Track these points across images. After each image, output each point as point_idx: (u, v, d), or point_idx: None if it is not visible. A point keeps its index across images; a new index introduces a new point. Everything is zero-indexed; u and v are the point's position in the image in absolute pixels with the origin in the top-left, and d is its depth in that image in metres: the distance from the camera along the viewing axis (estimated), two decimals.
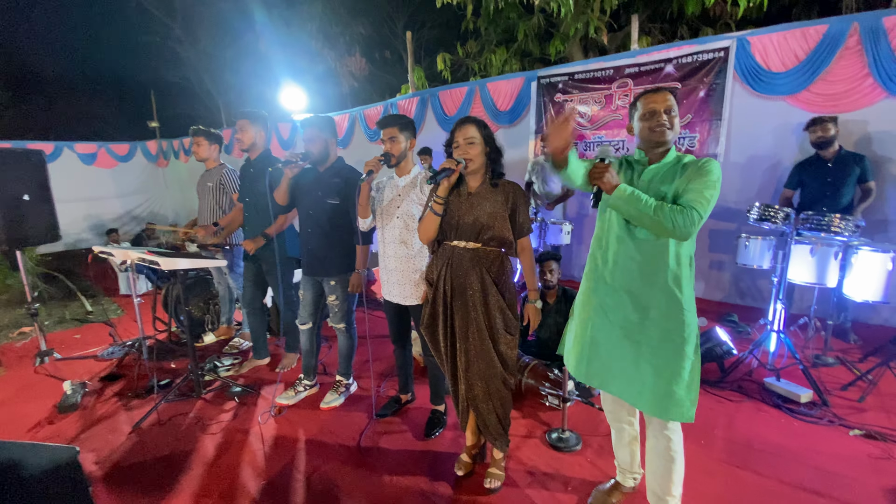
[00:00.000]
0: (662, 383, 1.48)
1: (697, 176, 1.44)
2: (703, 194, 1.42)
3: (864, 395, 2.57)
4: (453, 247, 1.83)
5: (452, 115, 5.93)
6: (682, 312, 1.49)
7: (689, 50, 4.19)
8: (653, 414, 1.53)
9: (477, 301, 1.79)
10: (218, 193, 3.40)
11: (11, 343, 3.93)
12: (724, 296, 4.43)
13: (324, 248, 2.48)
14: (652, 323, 1.51)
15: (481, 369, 1.83)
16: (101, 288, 5.89)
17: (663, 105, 1.50)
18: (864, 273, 2.63)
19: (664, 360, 1.49)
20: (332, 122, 2.52)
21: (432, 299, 1.90)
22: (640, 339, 1.53)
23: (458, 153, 1.76)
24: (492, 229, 1.77)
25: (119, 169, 10.20)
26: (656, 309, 1.50)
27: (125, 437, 2.43)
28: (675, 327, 1.48)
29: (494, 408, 1.86)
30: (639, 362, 1.53)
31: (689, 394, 1.49)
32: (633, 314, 1.54)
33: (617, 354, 1.58)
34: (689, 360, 1.49)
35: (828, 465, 2.03)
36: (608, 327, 1.59)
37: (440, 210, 1.79)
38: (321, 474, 2.08)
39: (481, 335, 1.81)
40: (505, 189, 1.81)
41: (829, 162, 3.31)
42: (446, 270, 1.83)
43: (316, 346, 2.82)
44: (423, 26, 10.84)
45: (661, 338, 1.50)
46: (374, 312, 4.39)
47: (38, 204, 3.32)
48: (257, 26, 11.79)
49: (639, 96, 1.58)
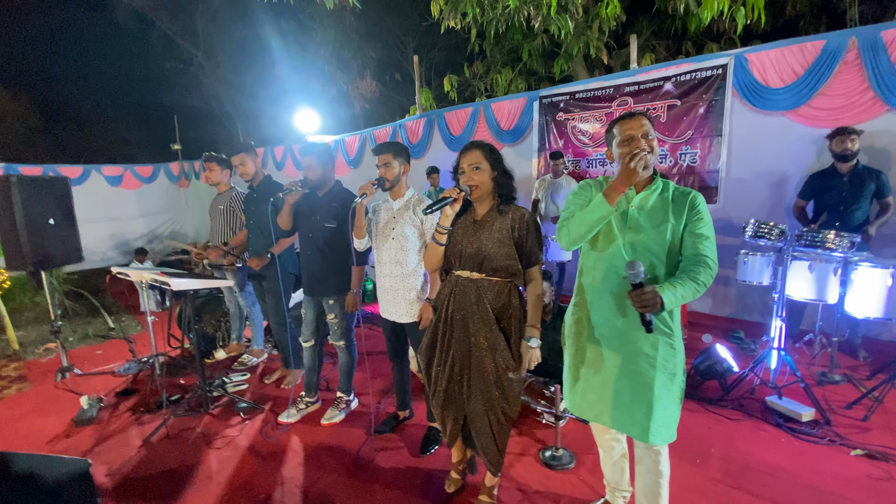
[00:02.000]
0: (658, 412, 1.50)
1: (695, 219, 1.47)
2: (711, 240, 1.46)
3: (869, 414, 2.51)
4: (457, 276, 1.77)
5: (458, 135, 6.08)
6: (673, 339, 1.52)
7: (688, 68, 4.25)
8: (643, 440, 1.54)
9: (478, 335, 1.72)
10: (229, 215, 3.57)
11: (37, 359, 4.14)
12: (732, 311, 4.37)
13: (322, 269, 2.60)
14: (645, 355, 1.52)
15: (481, 403, 1.77)
16: (123, 305, 6.14)
17: (640, 130, 1.50)
18: (865, 289, 2.60)
19: (659, 389, 1.50)
20: (329, 148, 2.66)
21: (434, 325, 1.86)
22: (636, 368, 1.54)
23: (463, 180, 1.71)
24: (495, 259, 1.68)
25: (143, 190, 10.64)
26: (648, 340, 1.51)
27: (135, 450, 2.54)
28: (668, 357, 1.51)
29: (495, 438, 1.80)
30: (636, 392, 1.53)
31: (675, 416, 1.55)
32: (624, 345, 1.55)
33: (610, 386, 1.59)
34: (679, 388, 1.54)
35: (825, 486, 2.00)
36: (599, 358, 1.61)
37: (443, 240, 1.74)
38: (318, 490, 2.14)
39: (481, 372, 1.74)
40: (513, 216, 1.71)
41: (845, 176, 3.24)
42: (450, 300, 1.78)
43: (318, 363, 2.91)
44: (432, 49, 11.15)
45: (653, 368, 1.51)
46: (378, 329, 4.47)
47: (62, 227, 3.54)
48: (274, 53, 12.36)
49: (614, 122, 1.59)
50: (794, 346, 3.43)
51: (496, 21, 5.65)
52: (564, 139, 5.19)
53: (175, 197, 11.32)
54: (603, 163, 4.93)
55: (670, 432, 1.54)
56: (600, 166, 4.96)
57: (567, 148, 5.19)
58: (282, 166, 9.16)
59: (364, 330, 4.45)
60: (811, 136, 3.74)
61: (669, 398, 1.52)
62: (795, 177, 3.83)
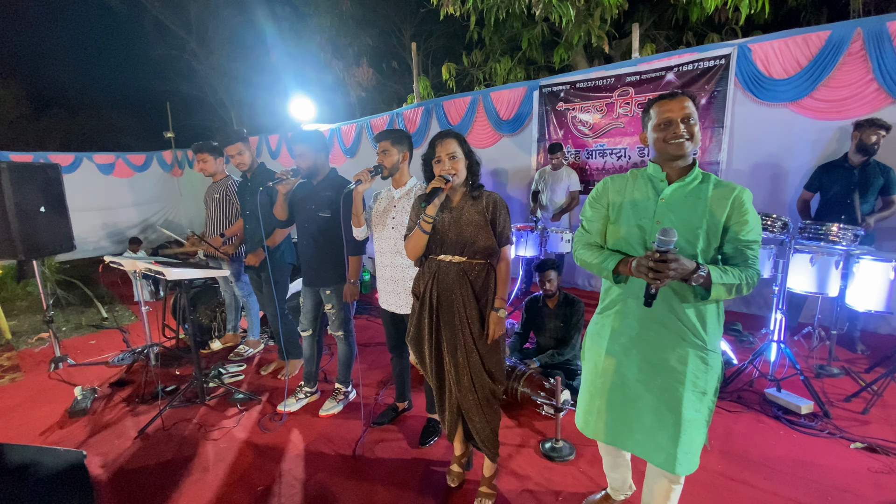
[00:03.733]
0: (685, 437, 1.34)
1: (741, 220, 1.29)
2: (757, 246, 1.29)
3: (868, 407, 2.52)
4: (439, 261, 1.85)
5: (456, 124, 5.99)
6: (706, 353, 1.33)
7: (690, 58, 4.19)
8: (669, 470, 1.37)
9: (462, 313, 1.81)
10: (224, 204, 3.50)
11: (30, 349, 4.08)
12: (729, 304, 4.37)
13: (318, 259, 2.56)
14: (671, 369, 1.35)
15: (471, 382, 1.84)
16: (116, 294, 6.07)
17: (680, 113, 1.31)
18: (866, 282, 2.59)
19: (688, 410, 1.33)
20: (321, 136, 2.60)
21: (418, 312, 1.92)
22: (659, 386, 1.37)
23: (441, 168, 1.77)
24: (476, 242, 1.80)
25: (135, 178, 10.49)
26: (681, 350, 1.34)
27: (131, 441, 2.51)
28: (699, 372, 1.33)
29: (488, 420, 1.87)
30: (661, 412, 1.36)
31: (701, 441, 1.38)
32: (649, 357, 1.39)
33: (631, 404, 1.42)
34: (708, 409, 1.36)
35: (826, 479, 2.00)
36: (621, 372, 1.44)
37: (429, 228, 1.79)
38: (316, 481, 2.12)
39: (468, 348, 1.82)
40: (486, 200, 1.83)
41: (855, 168, 3.20)
42: (433, 284, 1.85)
43: (318, 354, 2.88)
44: (429, 36, 10.98)
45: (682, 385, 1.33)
46: (377, 320, 4.44)
47: (53, 215, 3.46)
48: (268, 39, 12.11)
49: (652, 102, 1.38)
50: (792, 338, 3.43)
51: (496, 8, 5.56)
52: (564, 129, 5.14)
53: (168, 186, 11.17)
54: (603, 153, 4.89)
55: (695, 460, 1.37)
56: (600, 157, 4.92)
57: (567, 138, 5.13)
58: (276, 155, 9.03)
59: (362, 321, 4.42)
60: (814, 128, 3.71)
61: (697, 421, 1.35)
62: (797, 169, 3.80)
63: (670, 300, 1.35)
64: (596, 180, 5.02)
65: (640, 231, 1.38)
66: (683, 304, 1.33)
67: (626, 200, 1.43)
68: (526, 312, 3.13)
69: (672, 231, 1.19)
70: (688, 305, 1.33)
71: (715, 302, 1.33)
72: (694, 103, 1.33)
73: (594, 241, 1.51)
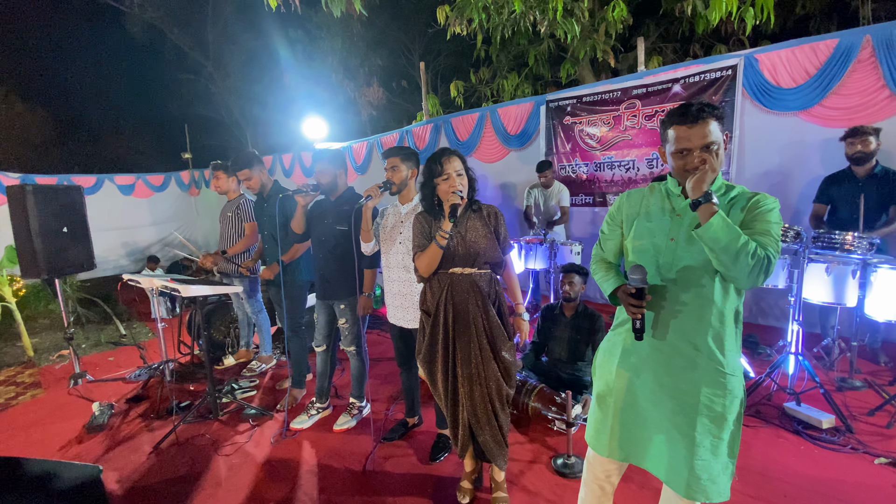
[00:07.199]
0: (699, 462, 1.26)
1: (754, 216, 1.22)
2: (773, 233, 1.18)
3: (893, 421, 2.43)
4: (451, 274, 1.88)
5: (465, 140, 6.08)
6: (724, 376, 1.26)
7: (697, 69, 4.21)
8: (688, 496, 1.29)
9: (479, 321, 1.86)
10: (237, 222, 3.59)
11: (51, 365, 4.19)
12: (746, 315, 4.28)
13: (333, 272, 2.60)
14: (683, 392, 1.29)
15: (484, 393, 1.86)
16: (134, 311, 6.21)
17: (700, 142, 1.20)
18: (885, 291, 2.53)
19: (701, 435, 1.26)
20: (341, 154, 2.67)
21: (430, 329, 1.92)
22: (674, 407, 1.30)
23: (449, 185, 1.82)
24: (486, 254, 1.87)
25: (154, 198, 10.79)
26: (693, 373, 1.28)
27: (146, 456, 2.54)
28: (714, 395, 1.26)
29: (500, 428, 1.90)
30: (672, 434, 1.31)
31: (726, 469, 1.29)
32: (662, 377, 1.32)
33: (644, 424, 1.37)
34: (729, 434, 1.28)
35: (848, 496, 1.93)
36: (634, 395, 1.38)
37: (444, 243, 1.83)
38: (326, 497, 2.12)
39: (485, 356, 1.85)
40: (486, 211, 1.94)
41: (861, 179, 3.11)
42: (447, 297, 1.87)
43: (330, 369, 2.90)
44: (438, 56, 11.21)
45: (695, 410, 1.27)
46: (386, 335, 4.45)
47: (75, 236, 3.59)
48: (282, 62, 12.53)
49: (669, 122, 1.28)
50: (811, 351, 3.34)
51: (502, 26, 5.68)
52: (572, 143, 5.17)
53: (186, 205, 11.45)
54: (611, 166, 4.89)
55: (719, 489, 1.26)
56: (608, 170, 4.92)
57: (575, 151, 5.16)
58: (290, 174, 9.24)
59: (373, 335, 4.44)
60: (825, 137, 3.67)
61: (715, 446, 1.26)
62: (807, 178, 3.75)
63: (683, 324, 1.28)
64: (606, 192, 5.03)
65: (654, 249, 1.33)
66: (698, 327, 1.26)
67: (642, 215, 1.39)
68: (542, 319, 3.16)
69: (640, 269, 1.21)
70: (703, 328, 1.26)
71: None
72: (720, 122, 1.23)
73: (605, 259, 1.53)
